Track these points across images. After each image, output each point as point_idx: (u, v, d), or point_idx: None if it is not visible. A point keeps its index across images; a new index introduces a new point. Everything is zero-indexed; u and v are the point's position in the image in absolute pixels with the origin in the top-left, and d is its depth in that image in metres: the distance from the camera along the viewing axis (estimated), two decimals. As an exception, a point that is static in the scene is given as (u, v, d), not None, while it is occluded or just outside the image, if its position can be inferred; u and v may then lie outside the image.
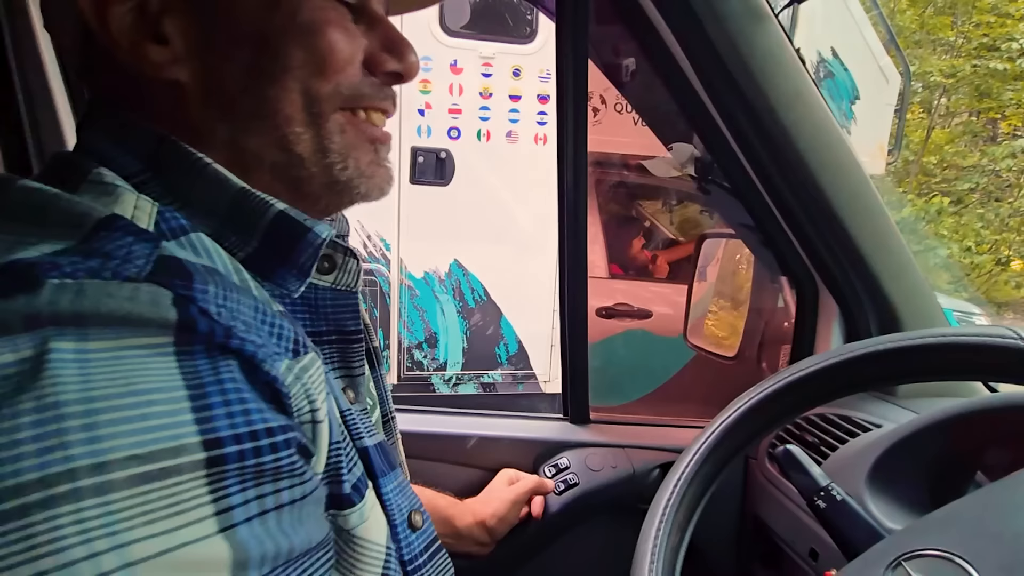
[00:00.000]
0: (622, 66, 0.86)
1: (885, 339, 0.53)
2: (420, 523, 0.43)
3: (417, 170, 2.53)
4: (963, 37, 7.78)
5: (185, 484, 0.24)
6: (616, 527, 0.82)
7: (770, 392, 0.58)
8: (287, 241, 0.36)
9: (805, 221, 0.75)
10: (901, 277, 0.74)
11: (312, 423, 0.32)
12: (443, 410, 0.89)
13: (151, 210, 0.32)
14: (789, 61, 0.67)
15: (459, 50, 2.51)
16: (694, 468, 0.59)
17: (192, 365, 0.26)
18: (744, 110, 0.69)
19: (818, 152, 0.70)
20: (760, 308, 1.13)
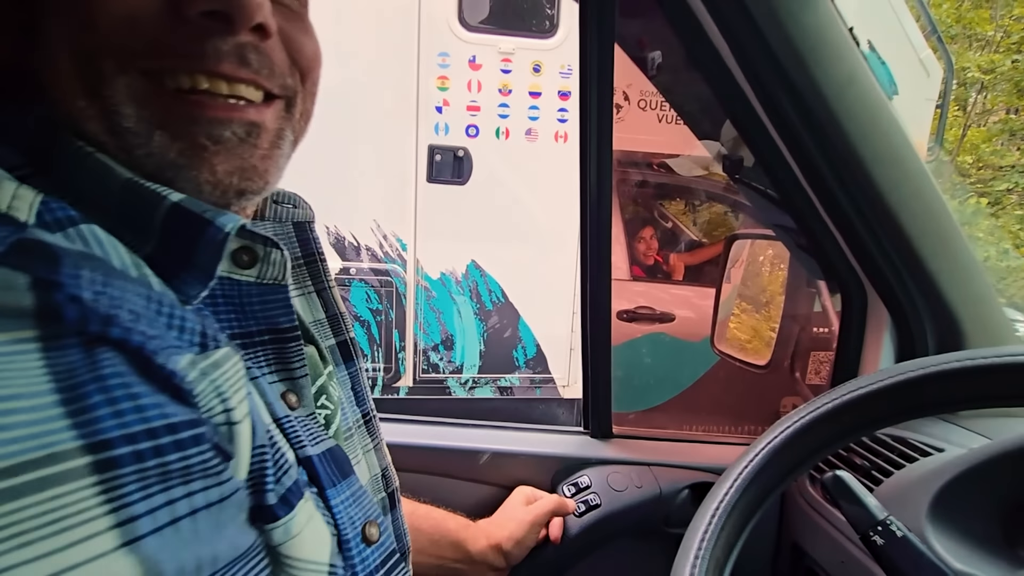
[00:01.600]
0: (652, 54, 0.79)
1: (962, 355, 0.46)
2: (376, 536, 0.39)
3: (434, 169, 2.49)
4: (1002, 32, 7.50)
5: (68, 496, 0.21)
6: (641, 553, 0.76)
7: (826, 410, 0.51)
8: (185, 238, 0.31)
9: (856, 220, 0.68)
10: (966, 284, 0.66)
11: (227, 424, 0.28)
12: (455, 422, 0.84)
13: (33, 199, 0.28)
14: (841, 41, 0.60)
15: (478, 45, 2.46)
16: (736, 494, 0.52)
17: (64, 361, 0.23)
18: (791, 97, 0.62)
19: (873, 143, 0.63)
20: (795, 315, 1.07)
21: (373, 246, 2.47)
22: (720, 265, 1.32)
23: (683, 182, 2.78)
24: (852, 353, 0.80)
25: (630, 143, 2.54)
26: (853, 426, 0.52)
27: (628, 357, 2.41)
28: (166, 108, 0.32)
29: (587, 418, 0.85)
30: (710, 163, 2.29)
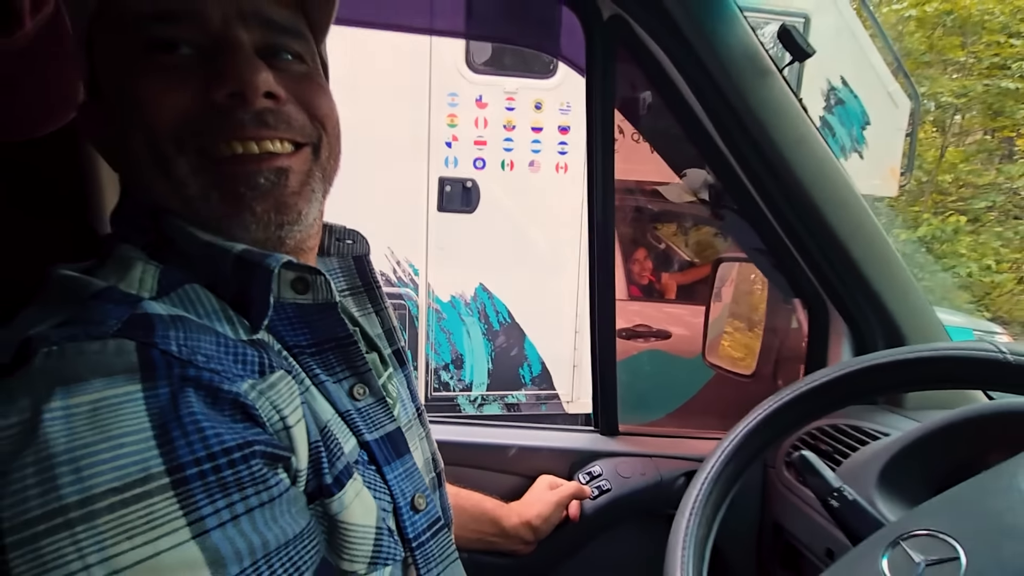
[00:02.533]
0: (642, 111, 0.96)
1: (884, 353, 0.60)
2: (423, 505, 0.49)
3: (444, 199, 2.65)
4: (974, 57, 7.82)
5: (157, 504, 0.30)
6: (645, 530, 0.89)
7: (782, 403, 0.65)
8: (247, 280, 0.41)
9: (813, 248, 0.83)
10: (903, 296, 0.82)
11: (285, 429, 0.38)
12: (486, 423, 0.98)
13: (155, 273, 0.39)
14: (792, 110, 0.77)
15: (484, 86, 2.66)
16: (718, 471, 0.66)
17: (156, 404, 0.32)
18: (755, 152, 0.79)
19: (822, 188, 0.78)
20: (775, 328, 1.20)
21: (387, 271, 2.61)
22: (708, 285, 1.47)
23: (674, 207, 2.95)
24: (819, 359, 0.95)
25: (626, 172, 2.72)
26: (805, 414, 0.66)
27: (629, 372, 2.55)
28: (216, 174, 0.41)
29: (597, 418, 0.99)
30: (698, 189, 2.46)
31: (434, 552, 0.49)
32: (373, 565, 0.42)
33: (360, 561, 0.41)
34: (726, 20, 0.73)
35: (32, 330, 0.33)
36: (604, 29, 0.81)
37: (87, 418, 0.30)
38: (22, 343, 0.32)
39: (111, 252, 0.41)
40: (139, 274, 0.39)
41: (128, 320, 0.34)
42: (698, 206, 1.63)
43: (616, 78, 0.85)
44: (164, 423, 0.31)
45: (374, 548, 0.42)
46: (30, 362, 0.31)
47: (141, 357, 0.33)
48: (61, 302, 0.36)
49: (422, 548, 0.48)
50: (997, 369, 0.52)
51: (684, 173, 1.05)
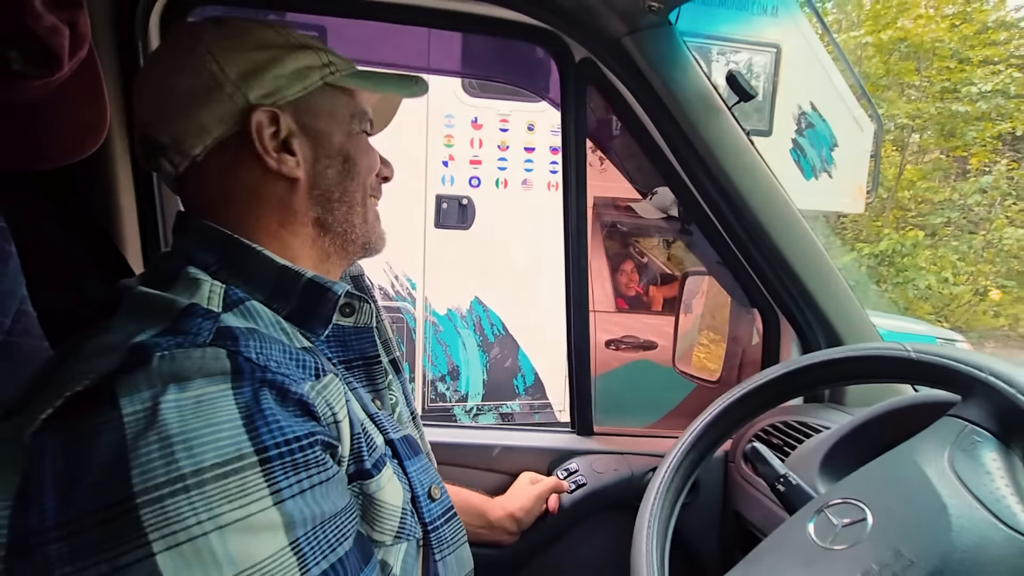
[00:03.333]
0: (610, 141, 1.06)
1: (817, 354, 0.70)
2: (438, 495, 0.58)
3: (441, 215, 2.78)
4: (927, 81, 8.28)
5: (249, 477, 0.37)
6: (618, 520, 0.96)
7: (731, 401, 0.74)
8: (315, 300, 0.52)
9: (762, 263, 0.94)
10: (839, 303, 0.92)
11: (335, 423, 0.46)
12: (472, 425, 1.05)
13: (220, 291, 0.48)
14: (740, 143, 0.87)
15: (479, 108, 2.80)
16: (678, 461, 0.75)
17: (243, 400, 0.39)
18: (709, 179, 0.89)
19: (767, 210, 0.89)
20: (737, 336, 1.30)
21: (385, 285, 2.71)
22: (676, 298, 1.57)
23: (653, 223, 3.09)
24: (772, 362, 1.05)
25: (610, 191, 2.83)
26: (750, 411, 0.75)
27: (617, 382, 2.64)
28: (374, 212, 0.60)
29: (573, 419, 1.07)
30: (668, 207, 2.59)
31: (446, 535, 0.58)
32: (397, 538, 0.51)
33: (388, 534, 0.50)
34: (680, 65, 0.84)
35: (135, 338, 0.40)
36: (576, 69, 0.91)
37: (193, 408, 0.38)
38: (132, 348, 0.40)
39: (177, 273, 0.48)
40: (207, 292, 0.47)
41: (217, 331, 0.43)
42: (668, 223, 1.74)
43: (586, 112, 0.95)
44: (250, 414, 0.39)
45: (399, 525, 0.51)
46: (149, 363, 0.39)
47: (232, 362, 0.41)
48: (151, 314, 0.44)
49: (437, 532, 0.56)
50: (904, 364, 0.62)
51: (654, 192, 1.15)
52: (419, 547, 0.55)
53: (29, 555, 0.34)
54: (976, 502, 0.47)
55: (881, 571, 0.47)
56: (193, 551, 0.35)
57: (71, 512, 0.35)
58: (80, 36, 0.61)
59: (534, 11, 0.84)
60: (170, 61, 0.52)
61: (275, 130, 0.51)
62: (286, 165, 0.52)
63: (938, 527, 0.47)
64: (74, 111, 0.65)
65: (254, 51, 0.51)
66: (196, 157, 0.51)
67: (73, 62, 0.62)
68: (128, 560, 0.34)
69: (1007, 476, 0.48)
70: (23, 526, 0.35)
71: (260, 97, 0.50)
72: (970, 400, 0.54)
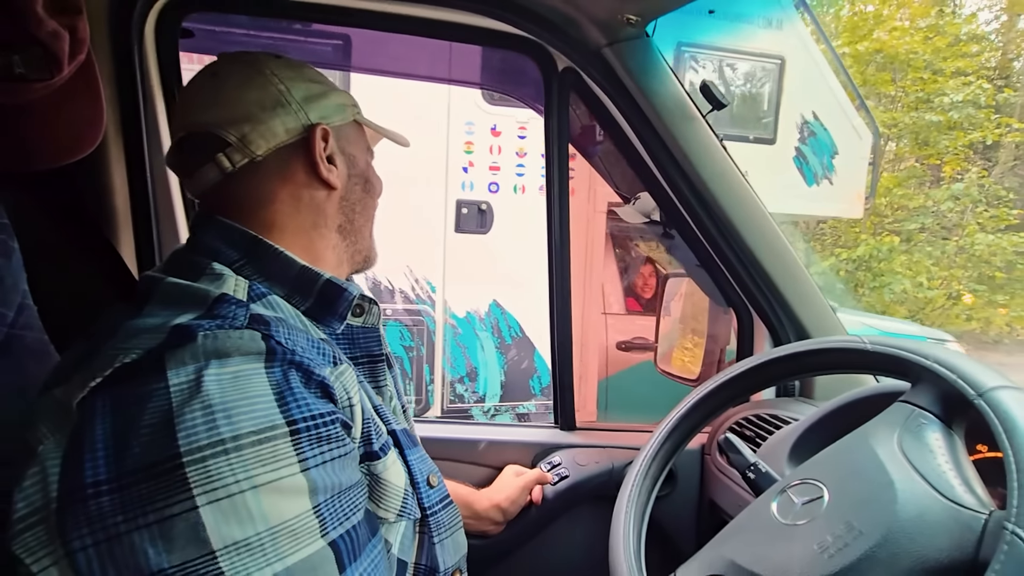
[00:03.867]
0: (593, 147, 1.11)
1: (782, 348, 0.75)
2: (435, 483, 0.63)
3: (460, 220, 2.84)
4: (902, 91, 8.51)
5: (280, 445, 0.41)
6: (599, 510, 1.00)
7: (704, 394, 0.79)
8: (332, 298, 0.57)
9: (736, 264, 0.99)
10: (807, 301, 0.98)
11: (350, 406, 0.50)
12: (458, 420, 1.08)
13: (245, 286, 0.52)
14: (715, 149, 0.92)
15: (499, 116, 2.87)
16: (655, 450, 0.79)
17: (275, 378, 0.44)
18: (686, 183, 0.94)
19: (740, 214, 0.94)
20: (715, 336, 1.35)
21: (406, 289, 2.76)
22: (658, 299, 1.62)
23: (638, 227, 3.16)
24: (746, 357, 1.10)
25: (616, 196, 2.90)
26: (725, 400, 0.79)
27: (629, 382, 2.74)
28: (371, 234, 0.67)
29: (557, 415, 1.11)
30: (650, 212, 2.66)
31: (444, 520, 0.62)
32: (399, 516, 0.55)
33: (391, 511, 0.55)
34: (658, 75, 0.88)
35: (175, 321, 0.45)
36: (559, 78, 0.95)
37: (231, 382, 0.42)
38: (176, 328, 0.44)
39: (202, 268, 0.52)
40: (232, 286, 0.52)
41: (251, 317, 0.48)
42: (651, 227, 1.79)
43: (569, 118, 0.99)
44: (281, 391, 0.43)
45: (401, 504, 0.56)
46: (194, 340, 0.43)
47: (266, 344, 0.45)
48: (186, 302, 0.48)
49: (435, 516, 0.60)
50: (862, 355, 0.67)
51: (637, 197, 1.20)
52: (415, 529, 0.59)
53: (83, 505, 0.38)
54: (920, 477, 0.51)
55: (835, 542, 0.51)
56: (231, 506, 0.39)
57: (123, 467, 0.39)
58: (79, 41, 0.63)
59: (519, 22, 0.87)
60: (235, 76, 0.58)
61: (325, 146, 0.59)
62: (332, 174, 0.60)
63: (885, 500, 0.51)
64: (72, 112, 0.67)
65: (310, 83, 0.60)
66: (256, 156, 0.56)
67: (72, 65, 0.64)
68: (175, 511, 0.38)
69: (948, 454, 0.53)
70: (75, 480, 0.39)
71: (318, 118, 0.59)
72: (918, 387, 0.59)
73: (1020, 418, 0.48)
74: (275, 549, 0.40)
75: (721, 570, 0.59)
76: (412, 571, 0.58)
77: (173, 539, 0.38)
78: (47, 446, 0.41)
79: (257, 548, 0.39)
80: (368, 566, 0.47)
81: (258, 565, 0.39)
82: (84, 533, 0.38)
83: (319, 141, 0.58)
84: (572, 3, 0.83)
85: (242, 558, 0.38)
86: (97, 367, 0.42)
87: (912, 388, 0.59)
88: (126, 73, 0.77)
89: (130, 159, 0.79)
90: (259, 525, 0.39)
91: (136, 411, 0.40)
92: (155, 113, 0.82)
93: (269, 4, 0.89)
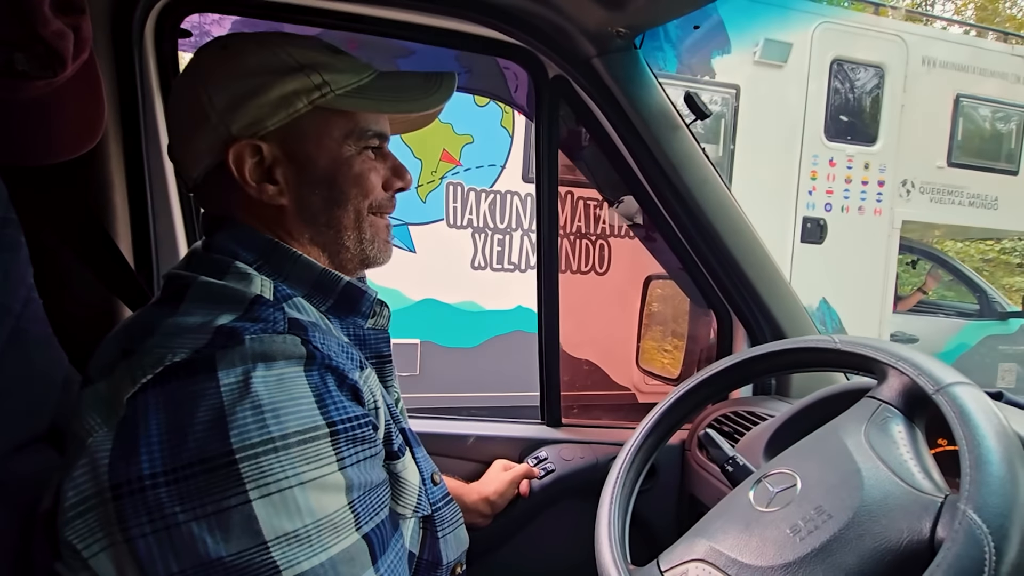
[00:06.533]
0: (581, 151, 1.14)
1: (751, 350, 0.78)
2: (438, 481, 0.66)
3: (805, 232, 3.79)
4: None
5: (322, 445, 0.44)
6: (584, 504, 1.03)
7: (684, 392, 0.82)
8: (353, 299, 0.59)
9: (716, 267, 1.03)
10: (782, 303, 1.02)
11: (375, 408, 0.53)
12: (448, 416, 1.11)
13: (271, 285, 0.53)
14: (697, 157, 0.96)
15: (833, 150, 3.81)
16: (638, 445, 0.82)
17: (314, 381, 0.46)
18: (669, 189, 0.98)
19: (720, 219, 0.98)
20: (696, 336, 1.40)
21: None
22: (640, 300, 1.66)
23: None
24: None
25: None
26: (704, 398, 0.82)
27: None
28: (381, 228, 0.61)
29: (543, 411, 1.14)
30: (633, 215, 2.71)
31: (447, 516, 0.65)
32: (415, 512, 0.58)
33: (408, 508, 0.57)
34: (645, 86, 0.92)
35: (218, 322, 0.47)
36: (550, 85, 0.99)
37: (276, 383, 0.44)
38: (222, 330, 0.46)
39: (226, 267, 0.53)
40: (259, 286, 0.52)
41: (290, 321, 0.50)
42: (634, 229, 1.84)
43: (559, 124, 1.03)
44: (320, 393, 0.46)
45: (416, 501, 0.58)
46: (243, 343, 0.45)
47: (306, 349, 0.48)
48: (223, 302, 0.49)
49: (439, 512, 0.63)
50: (832, 354, 0.71)
51: (621, 201, 1.23)
52: (420, 525, 0.61)
53: (142, 495, 0.40)
54: (884, 466, 0.56)
55: (806, 525, 0.55)
56: (281, 501, 0.42)
57: (178, 460, 0.41)
58: (83, 40, 0.64)
59: (512, 31, 0.90)
60: (178, 89, 0.57)
61: (259, 159, 0.54)
62: (266, 194, 0.55)
63: (852, 486, 0.55)
64: (74, 110, 0.68)
65: (242, 79, 0.53)
66: (196, 179, 0.56)
67: (76, 64, 0.65)
68: (231, 503, 0.41)
69: (909, 445, 0.57)
70: (131, 471, 0.41)
71: (242, 128, 0.53)
72: (884, 383, 0.63)
73: (973, 411, 0.52)
74: (320, 541, 0.43)
75: (701, 555, 0.63)
76: (416, 565, 0.60)
77: (230, 529, 0.40)
78: (96, 438, 0.43)
79: (304, 539, 0.42)
80: (393, 558, 0.50)
81: (306, 555, 0.42)
82: (144, 521, 0.40)
83: (244, 158, 0.53)
84: (564, 15, 0.86)
85: (292, 548, 0.41)
86: (147, 364, 0.44)
87: (878, 384, 0.64)
88: (126, 72, 0.78)
89: (128, 156, 0.80)
90: (306, 518, 0.42)
91: (190, 408, 0.42)
92: (154, 111, 0.83)
93: (264, 6, 0.91)
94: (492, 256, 3.28)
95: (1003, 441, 0.49)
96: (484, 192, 3.24)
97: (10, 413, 0.52)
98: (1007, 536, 0.43)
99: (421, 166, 3.10)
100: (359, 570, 0.45)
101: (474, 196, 3.22)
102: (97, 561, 0.40)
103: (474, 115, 3.15)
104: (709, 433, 0.82)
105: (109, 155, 0.78)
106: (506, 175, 3.26)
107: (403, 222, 3.10)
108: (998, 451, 0.48)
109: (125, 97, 0.79)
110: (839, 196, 3.79)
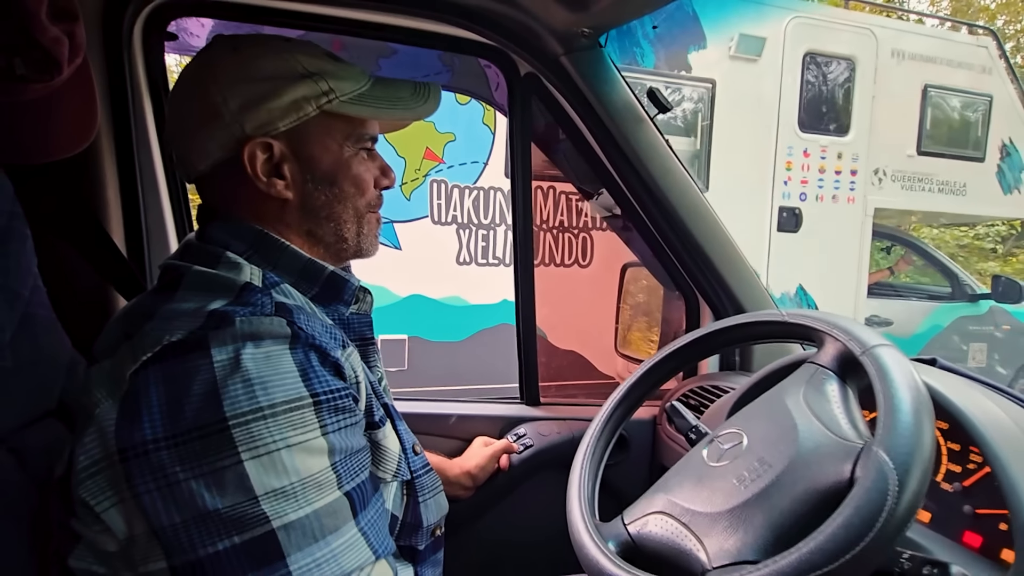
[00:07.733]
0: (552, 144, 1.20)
1: (708, 325, 0.85)
2: (419, 451, 0.71)
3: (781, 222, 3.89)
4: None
5: (305, 413, 0.49)
6: (560, 476, 1.09)
7: (650, 366, 0.89)
8: (337, 287, 0.64)
9: (682, 251, 1.10)
10: (743, 283, 1.09)
11: (357, 383, 0.58)
12: (430, 398, 1.17)
13: (260, 273, 0.57)
14: (661, 148, 1.03)
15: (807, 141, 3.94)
16: (607, 416, 0.88)
17: (298, 358, 0.51)
18: (637, 179, 1.04)
19: (684, 206, 1.05)
20: (668, 319, 1.47)
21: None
22: (617, 287, 1.73)
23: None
24: (693, 338, 1.21)
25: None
26: (669, 371, 0.88)
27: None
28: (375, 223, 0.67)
29: (522, 391, 1.20)
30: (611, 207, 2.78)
31: (427, 483, 0.70)
32: (394, 477, 0.63)
33: (388, 472, 0.63)
34: (610, 82, 0.98)
35: (211, 306, 0.51)
36: (522, 82, 1.04)
37: (264, 360, 0.49)
38: (215, 313, 0.50)
39: (218, 256, 0.57)
40: (248, 274, 0.57)
41: (277, 305, 0.55)
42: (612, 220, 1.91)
43: (532, 119, 1.09)
44: (304, 369, 0.51)
45: (396, 466, 0.64)
46: (233, 324, 0.50)
47: (291, 329, 0.52)
48: (216, 289, 0.54)
49: (420, 479, 0.68)
50: (779, 326, 0.78)
51: (600, 193, 1.29)
52: (403, 491, 0.67)
53: (146, 457, 0.45)
54: (817, 420, 0.63)
55: (749, 475, 0.62)
56: (270, 462, 0.47)
57: (177, 427, 0.46)
58: (77, 45, 0.69)
59: (485, 31, 0.96)
60: (186, 85, 0.59)
61: (269, 156, 0.58)
62: (275, 188, 0.59)
63: (789, 440, 0.62)
64: (70, 111, 0.72)
65: (257, 83, 0.56)
66: (202, 172, 0.60)
67: (71, 68, 0.69)
68: (225, 464, 0.46)
69: (841, 402, 0.64)
70: (135, 436, 0.46)
71: (255, 128, 0.56)
72: (821, 349, 0.70)
73: (891, 368, 0.59)
74: (305, 496, 0.48)
75: (660, 507, 0.69)
76: (400, 526, 0.66)
77: (224, 486, 0.45)
78: (103, 409, 0.47)
79: (291, 495, 0.47)
80: (373, 514, 0.55)
81: (293, 508, 0.47)
82: (148, 479, 0.45)
83: (256, 155, 0.57)
84: (532, 16, 0.92)
85: (280, 503, 0.47)
86: (147, 344, 0.49)
87: (817, 351, 0.71)
88: (117, 74, 0.82)
89: (120, 154, 0.85)
90: (292, 477, 0.47)
91: (186, 382, 0.47)
92: (143, 111, 0.87)
93: (246, 10, 0.95)
94: (477, 251, 3.34)
95: (913, 393, 0.56)
96: (467, 188, 3.29)
97: (24, 390, 0.57)
98: (910, 471, 0.50)
99: (405, 164, 3.15)
100: (341, 522, 0.50)
101: (458, 193, 3.28)
102: (109, 515, 0.46)
103: (456, 113, 3.20)
104: (675, 405, 0.88)
105: (102, 153, 0.82)
106: (489, 171, 3.31)
107: (388, 220, 3.15)
108: (908, 401, 0.55)
109: (116, 98, 0.83)
110: (813, 186, 3.90)
